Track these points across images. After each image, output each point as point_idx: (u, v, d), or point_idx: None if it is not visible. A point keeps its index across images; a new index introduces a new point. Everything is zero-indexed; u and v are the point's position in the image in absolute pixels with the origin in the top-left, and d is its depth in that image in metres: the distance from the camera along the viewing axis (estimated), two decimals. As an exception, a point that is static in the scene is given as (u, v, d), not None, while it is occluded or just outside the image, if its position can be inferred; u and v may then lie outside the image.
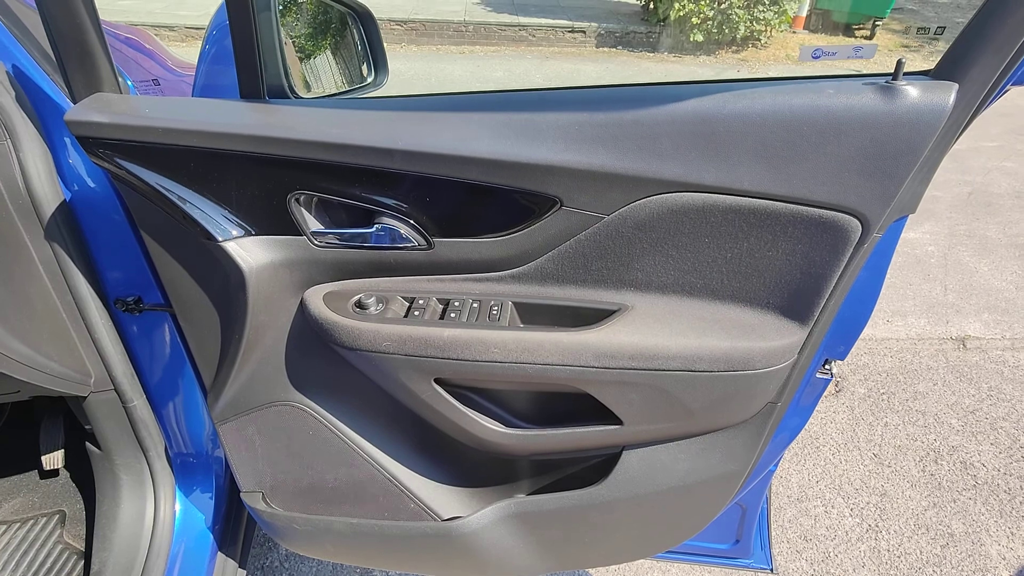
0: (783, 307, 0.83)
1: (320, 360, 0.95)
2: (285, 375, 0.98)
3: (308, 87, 1.42)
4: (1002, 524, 1.87)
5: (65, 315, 1.03)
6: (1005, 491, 1.99)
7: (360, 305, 0.88)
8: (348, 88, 1.54)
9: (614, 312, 0.86)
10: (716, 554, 1.30)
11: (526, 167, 0.78)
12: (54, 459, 1.40)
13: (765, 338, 0.82)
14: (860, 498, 1.97)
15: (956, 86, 0.68)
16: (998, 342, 2.71)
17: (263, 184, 0.83)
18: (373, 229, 0.86)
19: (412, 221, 0.85)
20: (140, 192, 0.84)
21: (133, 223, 0.96)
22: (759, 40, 9.69)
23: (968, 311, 2.99)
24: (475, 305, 0.88)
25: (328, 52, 1.57)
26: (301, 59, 1.48)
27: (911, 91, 0.68)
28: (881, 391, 2.47)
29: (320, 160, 0.80)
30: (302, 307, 0.91)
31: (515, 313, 0.89)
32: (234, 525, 1.32)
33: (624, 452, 0.96)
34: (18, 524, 1.36)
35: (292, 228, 0.86)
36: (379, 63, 1.46)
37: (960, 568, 1.74)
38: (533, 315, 0.89)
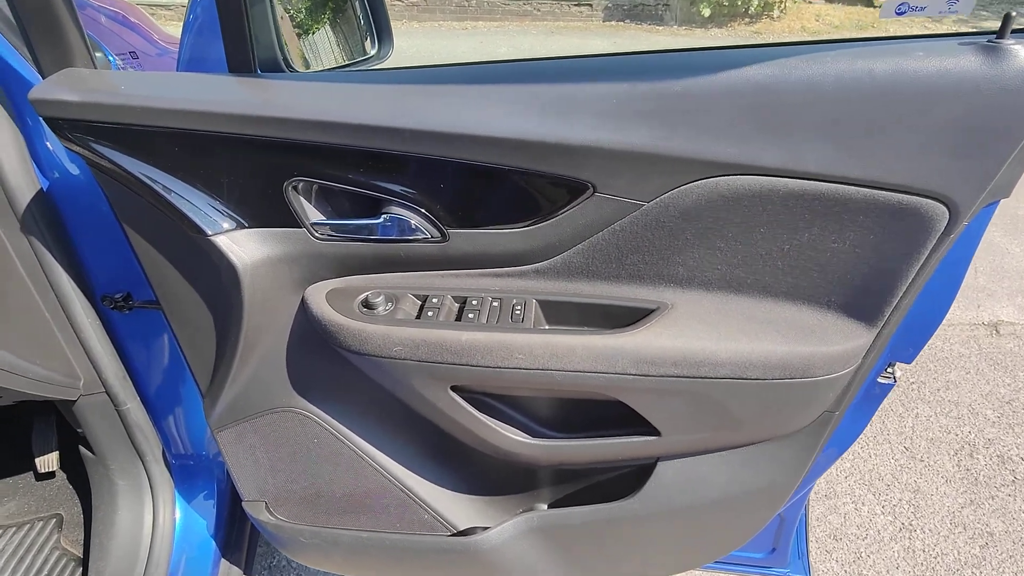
0: (848, 306, 0.73)
1: (324, 363, 0.86)
2: (287, 379, 0.89)
3: (306, 64, 1.32)
4: (1044, 522, 1.77)
5: (48, 314, 0.95)
6: (1046, 486, 1.89)
7: (367, 304, 0.79)
8: (349, 62, 1.43)
9: (652, 312, 0.77)
10: (751, 563, 1.21)
11: (555, 148, 0.67)
12: (48, 461, 1.34)
13: (827, 342, 0.72)
14: (892, 495, 1.88)
15: None
16: (1034, 328, 2.59)
17: (256, 170, 0.74)
18: (380, 220, 0.76)
19: (424, 210, 0.75)
20: (119, 180, 0.74)
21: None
22: (772, 12, 9.38)
23: (1000, 295, 2.86)
24: (495, 304, 0.79)
25: (327, 26, 1.45)
26: (298, 35, 1.37)
27: (1022, 52, 0.57)
28: (911, 380, 2.36)
29: (320, 142, 0.70)
30: (303, 306, 0.82)
31: (540, 312, 0.80)
32: (238, 531, 1.25)
33: (659, 463, 0.87)
34: (14, 528, 1.30)
35: (290, 219, 0.77)
36: (383, 33, 1.35)
37: (1001, 570, 1.65)
38: (560, 314, 0.80)
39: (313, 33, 1.42)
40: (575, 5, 9.31)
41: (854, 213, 0.66)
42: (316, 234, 0.78)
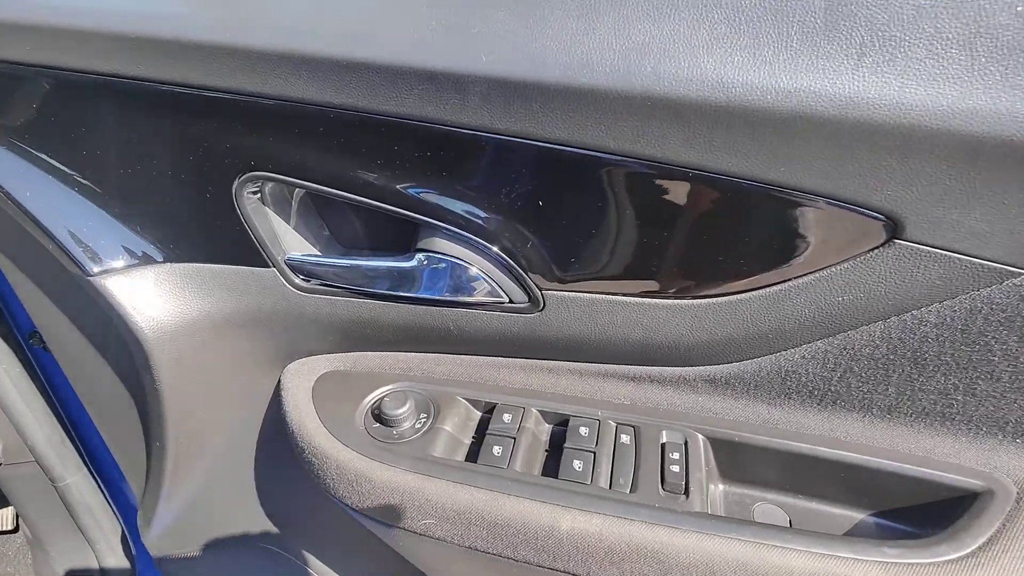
0: None
1: (313, 490, 0.50)
2: (256, 503, 0.54)
3: None
4: None
5: None
6: None
7: (382, 416, 0.42)
8: None
9: (978, 497, 0.35)
10: None
11: (823, 127, 0.28)
12: (3, 518, 1.06)
13: None
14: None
15: None
16: None
17: (183, 152, 0.38)
18: (414, 262, 0.39)
19: (500, 249, 0.38)
20: None
21: None
22: None
23: None
24: (625, 439, 0.40)
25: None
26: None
27: None
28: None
29: (302, 102, 0.34)
30: (276, 397, 0.46)
31: (714, 464, 0.40)
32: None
33: None
34: None
35: (248, 250, 0.41)
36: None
37: None
38: (761, 471, 0.40)
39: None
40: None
41: None
42: (295, 278, 0.42)
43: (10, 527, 1.07)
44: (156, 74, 0.35)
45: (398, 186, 0.36)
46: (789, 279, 0.34)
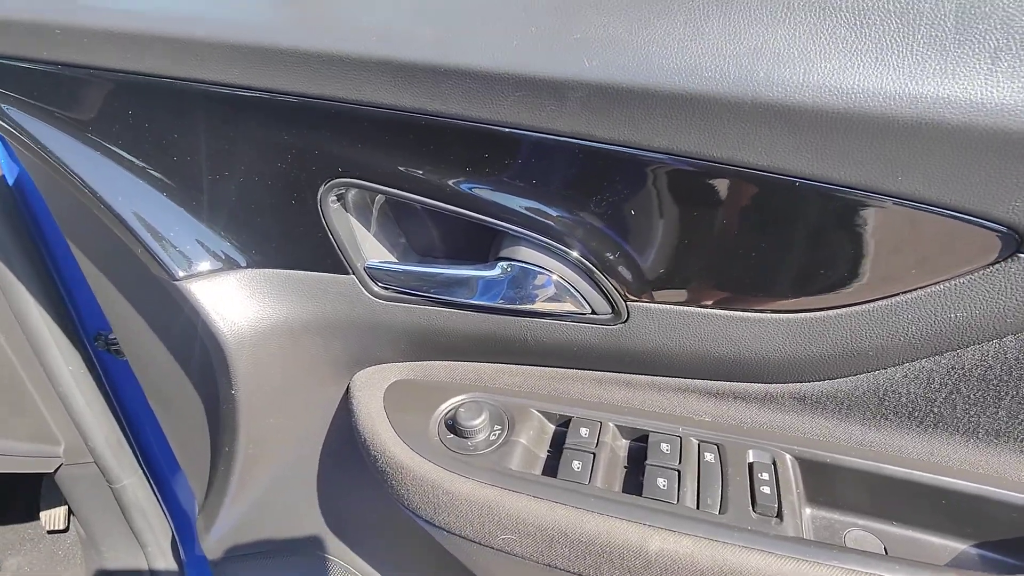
0: None
1: (381, 495, 0.50)
2: (319, 512, 0.54)
3: None
4: None
5: (15, 358, 0.67)
6: None
7: (456, 426, 0.41)
8: None
9: None
10: None
11: (934, 134, 0.27)
12: (55, 517, 1.09)
13: None
14: None
15: None
16: None
17: (271, 158, 0.38)
18: (496, 271, 0.39)
19: (585, 259, 0.37)
20: (50, 173, 0.42)
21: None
22: None
23: None
24: (710, 457, 0.38)
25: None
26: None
27: None
28: None
29: (395, 109, 0.34)
30: (347, 404, 0.46)
31: (802, 486, 0.38)
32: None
33: None
34: None
35: (328, 257, 0.41)
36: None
37: None
38: (850, 496, 0.38)
39: None
40: None
41: None
42: (375, 286, 0.42)
43: (62, 527, 1.09)
44: (248, 81, 0.36)
45: (484, 193, 0.36)
46: (896, 294, 0.32)
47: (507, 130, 0.33)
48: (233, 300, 0.41)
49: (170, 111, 0.38)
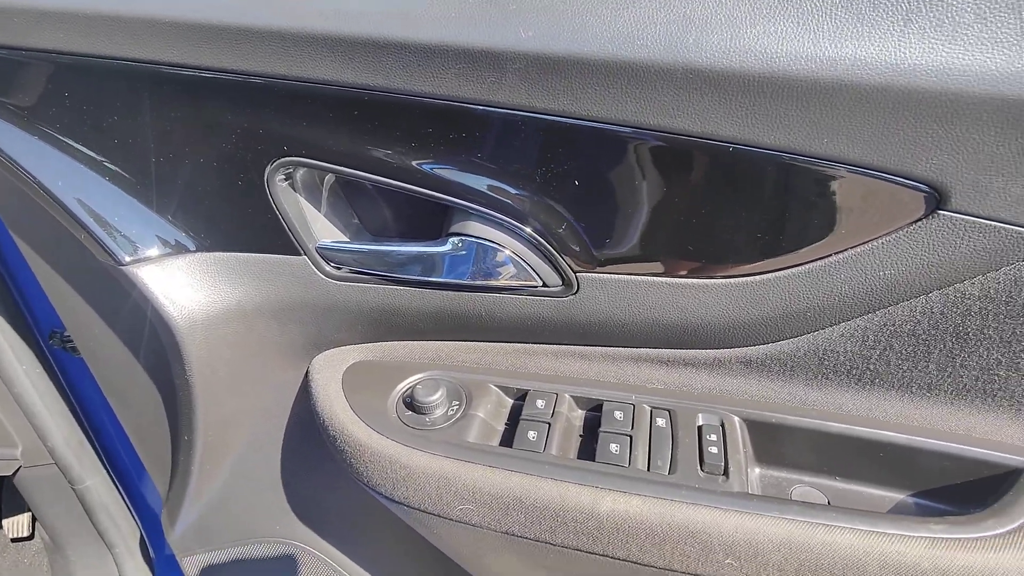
0: None
1: (341, 478, 0.50)
2: (283, 498, 0.54)
3: None
4: None
5: None
6: None
7: (414, 403, 0.42)
8: None
9: (1021, 474, 0.35)
10: None
11: (869, 96, 0.28)
12: (18, 524, 1.06)
13: None
14: None
15: None
16: None
17: (215, 139, 0.38)
18: (447, 247, 0.39)
19: (534, 232, 0.37)
20: None
21: None
22: None
23: None
24: (661, 422, 0.39)
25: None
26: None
27: None
28: None
29: (336, 85, 0.34)
30: (306, 387, 0.46)
31: (750, 446, 0.40)
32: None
33: None
34: None
35: (278, 238, 0.41)
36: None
37: None
38: (800, 454, 0.40)
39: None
40: None
41: None
42: (327, 266, 0.42)
43: (26, 534, 1.06)
44: (187, 59, 0.35)
45: (432, 169, 0.36)
46: (828, 255, 0.34)
47: (450, 104, 0.33)
48: (183, 284, 0.41)
49: (109, 93, 0.37)
